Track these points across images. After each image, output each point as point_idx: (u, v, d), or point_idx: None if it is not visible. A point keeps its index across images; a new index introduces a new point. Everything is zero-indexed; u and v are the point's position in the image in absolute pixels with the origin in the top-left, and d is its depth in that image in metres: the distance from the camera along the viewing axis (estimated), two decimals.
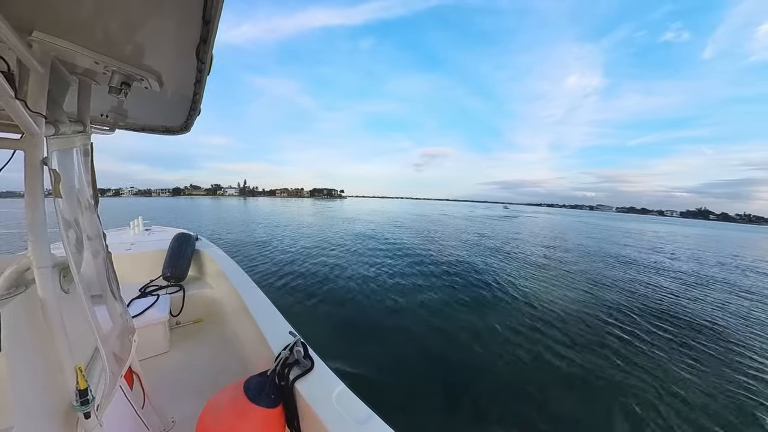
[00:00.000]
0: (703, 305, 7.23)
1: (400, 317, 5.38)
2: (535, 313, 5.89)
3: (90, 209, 1.11)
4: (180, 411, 1.66)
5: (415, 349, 4.26)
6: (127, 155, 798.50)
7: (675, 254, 16.21)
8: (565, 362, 4.15)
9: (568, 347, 4.58)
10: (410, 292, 6.72)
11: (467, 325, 5.16)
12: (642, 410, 3.28)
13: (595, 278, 9.09)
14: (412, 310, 5.71)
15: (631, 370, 4.07)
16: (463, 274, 8.60)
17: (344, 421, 1.04)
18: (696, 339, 5.24)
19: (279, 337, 1.54)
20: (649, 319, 6.04)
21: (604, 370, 4.01)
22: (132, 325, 1.31)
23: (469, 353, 4.25)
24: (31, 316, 0.75)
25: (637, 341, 4.96)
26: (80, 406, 0.77)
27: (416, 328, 4.91)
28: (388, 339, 4.57)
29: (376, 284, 7.22)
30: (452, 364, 3.97)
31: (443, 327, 5.01)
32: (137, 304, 2.28)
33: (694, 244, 23.58)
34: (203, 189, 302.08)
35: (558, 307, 6.29)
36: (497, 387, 3.56)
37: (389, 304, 5.95)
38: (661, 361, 4.37)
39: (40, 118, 0.73)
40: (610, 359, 4.31)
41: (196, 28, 0.70)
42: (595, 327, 5.43)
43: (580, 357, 4.31)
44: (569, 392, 3.55)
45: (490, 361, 4.09)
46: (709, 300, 7.72)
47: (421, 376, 3.68)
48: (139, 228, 4.22)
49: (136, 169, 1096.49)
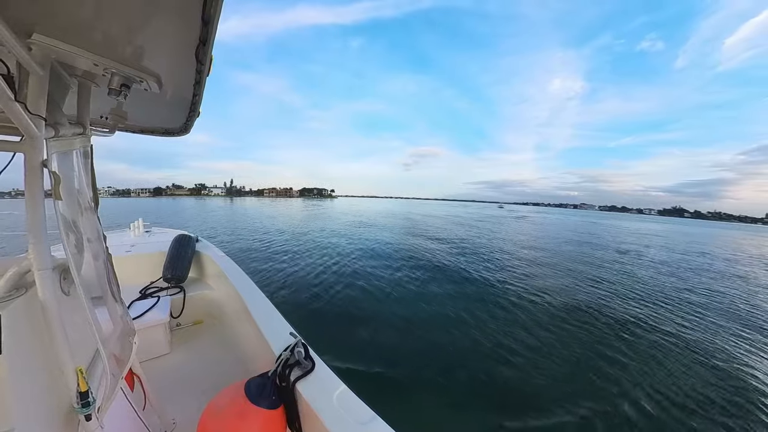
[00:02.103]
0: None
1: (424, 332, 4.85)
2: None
3: (90, 211, 1.11)
4: (181, 412, 1.66)
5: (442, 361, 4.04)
6: (105, 154, 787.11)
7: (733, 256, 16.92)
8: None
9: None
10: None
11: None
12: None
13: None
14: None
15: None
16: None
17: (345, 422, 1.04)
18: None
19: (280, 338, 1.54)
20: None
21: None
22: (132, 327, 1.31)
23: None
24: (32, 318, 0.75)
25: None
26: (81, 408, 0.77)
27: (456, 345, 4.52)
28: (408, 350, 4.31)
29: (403, 296, 6.58)
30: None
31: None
32: (138, 306, 2.28)
33: (707, 240, 25.58)
34: (186, 189, 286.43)
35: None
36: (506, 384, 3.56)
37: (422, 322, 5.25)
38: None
39: (39, 120, 0.73)
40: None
41: (195, 30, 0.70)
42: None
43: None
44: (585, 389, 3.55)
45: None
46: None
47: (436, 379, 3.65)
48: (140, 230, 4.22)
49: (115, 169, 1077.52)
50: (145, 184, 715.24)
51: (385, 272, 8.42)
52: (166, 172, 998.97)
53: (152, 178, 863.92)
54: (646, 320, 5.84)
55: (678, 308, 6.79)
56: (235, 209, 41.60)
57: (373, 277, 7.84)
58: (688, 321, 6.04)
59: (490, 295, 6.85)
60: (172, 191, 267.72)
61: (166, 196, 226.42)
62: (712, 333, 5.53)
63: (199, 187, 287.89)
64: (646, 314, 6.20)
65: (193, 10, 0.63)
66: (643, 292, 7.87)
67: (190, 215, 31.80)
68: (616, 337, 4.99)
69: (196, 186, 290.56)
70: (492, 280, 8.15)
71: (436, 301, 6.36)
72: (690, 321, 6.05)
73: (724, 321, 6.19)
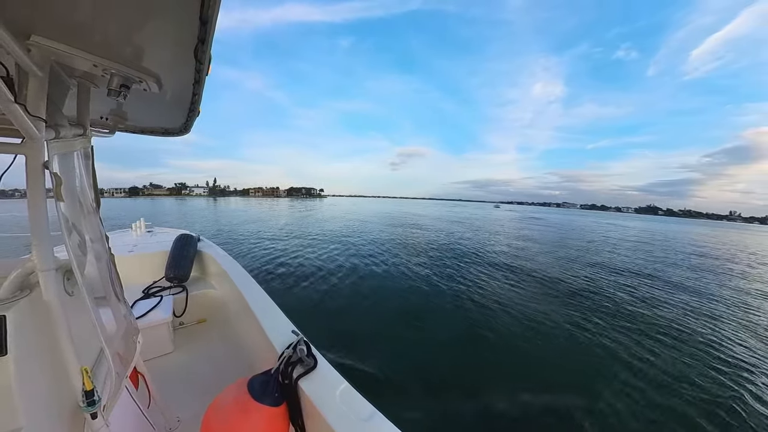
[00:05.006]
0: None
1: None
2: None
3: (92, 212, 1.12)
4: (185, 410, 1.68)
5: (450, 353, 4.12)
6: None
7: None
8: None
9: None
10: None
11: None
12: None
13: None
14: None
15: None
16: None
17: (348, 418, 1.05)
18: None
19: (282, 335, 1.55)
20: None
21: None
22: (136, 326, 1.32)
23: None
24: (37, 318, 0.75)
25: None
26: (87, 407, 0.78)
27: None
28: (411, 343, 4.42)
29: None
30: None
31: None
32: (141, 306, 2.29)
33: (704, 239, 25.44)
34: (165, 188, 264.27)
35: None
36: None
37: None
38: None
39: (40, 122, 0.73)
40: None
41: (194, 29, 0.70)
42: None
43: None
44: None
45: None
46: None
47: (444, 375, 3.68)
48: (142, 230, 4.24)
49: None
50: (122, 183, 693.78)
51: (389, 271, 8.46)
52: (145, 171, 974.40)
53: (130, 177, 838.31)
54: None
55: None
56: (212, 211, 37.06)
57: (375, 278, 7.86)
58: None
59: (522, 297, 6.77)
60: (150, 191, 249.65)
61: (144, 197, 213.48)
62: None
63: (179, 186, 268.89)
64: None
65: (191, 10, 0.63)
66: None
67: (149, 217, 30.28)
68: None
69: (176, 185, 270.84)
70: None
71: (439, 300, 6.38)
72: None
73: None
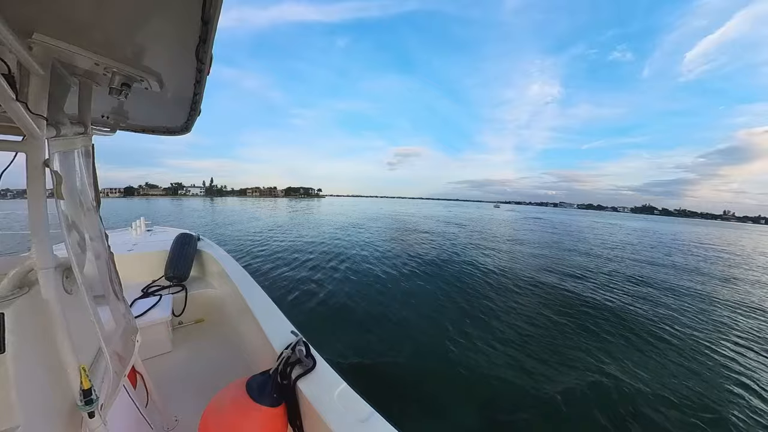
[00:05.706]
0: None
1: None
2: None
3: (92, 210, 1.12)
4: (183, 410, 1.67)
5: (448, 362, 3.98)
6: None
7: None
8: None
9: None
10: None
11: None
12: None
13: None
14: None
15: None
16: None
17: (346, 419, 1.04)
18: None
19: (281, 336, 1.54)
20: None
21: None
22: (135, 325, 1.31)
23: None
24: (35, 316, 0.75)
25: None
26: (84, 406, 0.78)
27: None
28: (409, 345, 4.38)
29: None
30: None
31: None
32: (140, 305, 2.29)
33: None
34: (162, 188, 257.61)
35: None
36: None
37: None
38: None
39: (41, 120, 0.73)
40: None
41: (196, 29, 0.70)
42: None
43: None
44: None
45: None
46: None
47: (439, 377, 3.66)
48: (141, 228, 4.24)
49: None
50: (117, 183, 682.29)
51: (388, 273, 8.45)
52: (141, 170, 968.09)
53: (125, 177, 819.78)
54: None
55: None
56: (209, 212, 35.28)
57: (377, 278, 7.85)
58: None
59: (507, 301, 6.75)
60: (146, 191, 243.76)
61: (139, 197, 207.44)
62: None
63: (175, 186, 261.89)
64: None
65: (192, 10, 0.63)
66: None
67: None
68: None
69: (173, 185, 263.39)
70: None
71: (440, 300, 6.37)
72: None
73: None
